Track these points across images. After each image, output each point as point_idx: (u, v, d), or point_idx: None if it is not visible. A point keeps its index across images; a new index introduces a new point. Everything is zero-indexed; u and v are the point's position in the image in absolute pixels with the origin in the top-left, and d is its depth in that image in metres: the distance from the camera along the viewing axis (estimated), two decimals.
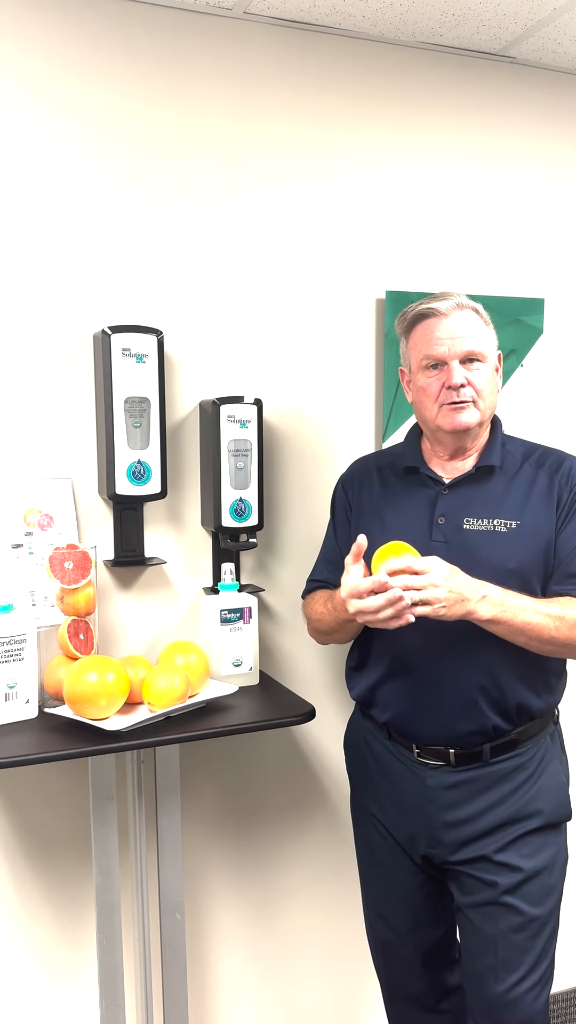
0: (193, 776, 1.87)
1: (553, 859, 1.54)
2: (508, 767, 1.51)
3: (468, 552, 1.47)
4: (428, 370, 1.51)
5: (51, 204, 1.68)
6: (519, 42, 1.92)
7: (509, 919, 1.50)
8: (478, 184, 2.02)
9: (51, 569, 1.56)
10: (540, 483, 1.52)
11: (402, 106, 1.93)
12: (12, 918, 1.76)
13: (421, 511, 1.54)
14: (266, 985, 2.01)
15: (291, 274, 1.88)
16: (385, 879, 1.65)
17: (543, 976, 1.53)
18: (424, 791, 1.54)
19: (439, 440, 1.56)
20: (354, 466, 1.72)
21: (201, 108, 1.77)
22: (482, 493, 1.53)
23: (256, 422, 1.77)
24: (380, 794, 1.62)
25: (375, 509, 1.59)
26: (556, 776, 1.56)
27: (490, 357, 1.52)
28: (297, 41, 1.83)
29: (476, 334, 1.49)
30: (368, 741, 1.65)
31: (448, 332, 1.48)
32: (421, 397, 1.53)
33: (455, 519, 1.51)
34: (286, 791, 1.98)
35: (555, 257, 2.12)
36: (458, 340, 1.48)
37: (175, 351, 1.79)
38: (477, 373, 1.49)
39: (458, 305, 1.50)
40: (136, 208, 1.74)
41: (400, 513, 1.55)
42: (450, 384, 1.48)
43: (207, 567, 1.85)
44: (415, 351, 1.53)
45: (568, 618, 1.42)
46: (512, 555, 1.47)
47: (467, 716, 1.49)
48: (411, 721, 1.55)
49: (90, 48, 1.68)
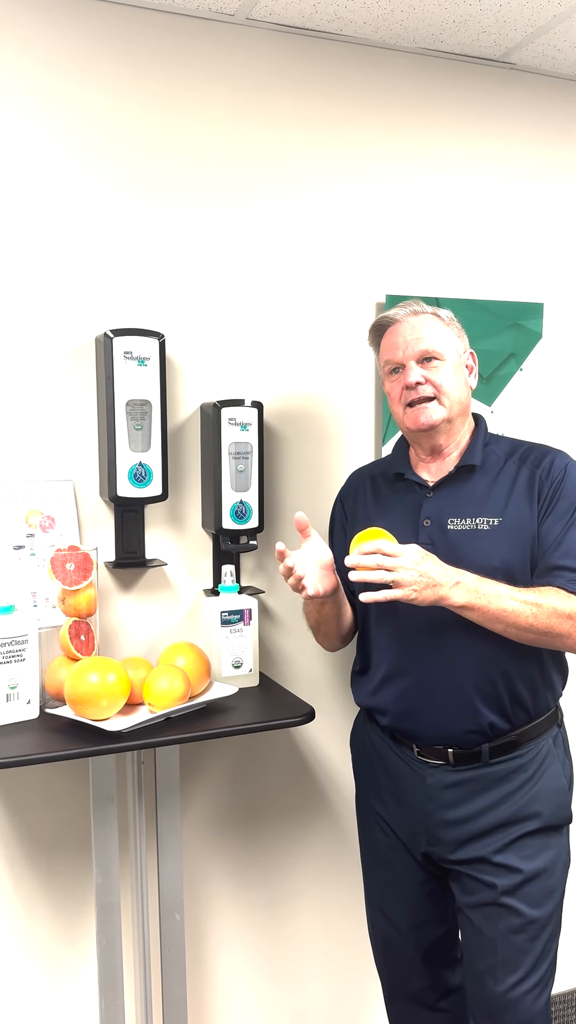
0: (193, 777, 1.88)
1: (553, 861, 1.54)
2: (507, 768, 1.52)
3: (453, 552, 1.48)
4: (391, 375, 1.57)
5: (53, 208, 1.69)
6: (519, 48, 1.93)
7: (509, 920, 1.50)
8: (478, 189, 2.03)
9: (52, 570, 1.57)
10: (522, 479, 1.53)
11: (403, 112, 1.94)
12: (12, 917, 1.77)
13: (408, 515, 1.56)
14: (266, 986, 2.01)
15: (292, 278, 1.89)
16: (387, 876, 1.66)
17: (543, 977, 1.53)
18: (424, 789, 1.55)
19: (416, 441, 1.59)
20: (351, 479, 1.75)
21: (203, 113, 1.78)
22: (464, 493, 1.54)
23: (257, 425, 1.78)
24: (383, 791, 1.63)
25: (368, 517, 1.62)
26: (556, 779, 1.56)
27: (449, 355, 1.54)
28: (299, 47, 1.84)
29: (432, 335, 1.53)
30: (372, 740, 1.66)
31: (403, 336, 1.54)
32: (390, 402, 1.59)
33: (439, 520, 1.53)
34: (286, 792, 1.98)
35: (554, 262, 2.13)
36: (412, 342, 1.53)
37: (177, 354, 1.80)
38: (435, 371, 1.52)
39: (413, 311, 1.56)
40: (138, 212, 1.75)
41: (389, 519, 1.57)
42: (406, 384, 1.52)
43: (207, 569, 1.86)
44: (380, 360, 1.60)
45: (545, 605, 1.41)
46: (495, 553, 1.48)
47: (464, 715, 1.50)
48: (410, 721, 1.56)
49: (92, 53, 1.69)
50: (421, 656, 1.51)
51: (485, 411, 2.05)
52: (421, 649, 1.51)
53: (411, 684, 1.54)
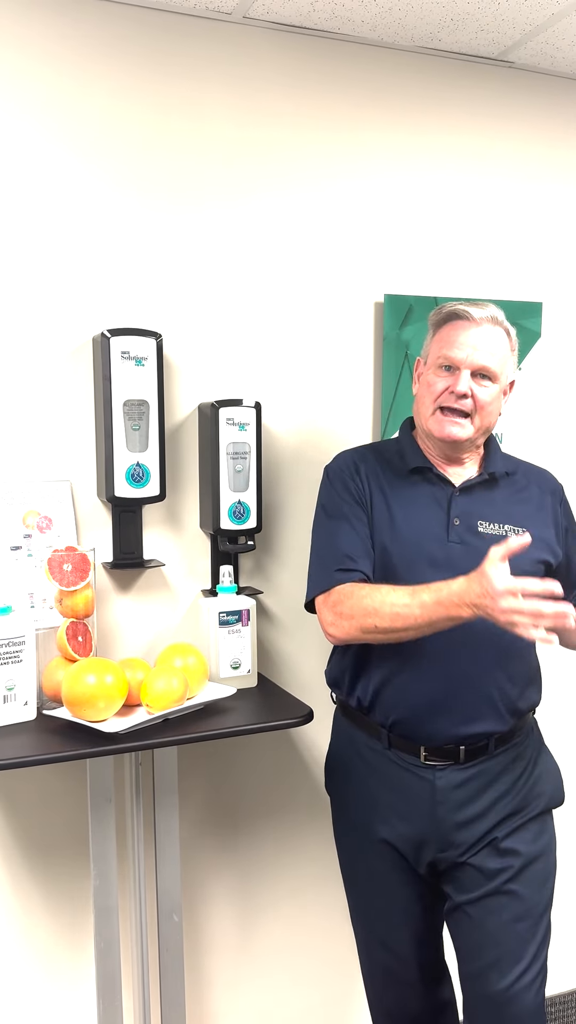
0: (191, 778, 1.88)
1: (549, 844, 1.57)
2: (508, 758, 1.54)
3: (485, 555, 1.46)
4: (440, 369, 1.52)
5: (51, 207, 1.69)
6: (517, 47, 1.93)
7: (512, 908, 1.51)
8: (477, 188, 2.03)
9: (50, 571, 1.56)
10: (534, 495, 1.59)
11: (401, 110, 1.94)
12: (10, 920, 1.76)
13: (435, 511, 1.54)
14: (263, 988, 2.01)
15: (290, 277, 1.88)
16: (388, 905, 1.61)
17: (542, 968, 1.54)
18: (434, 793, 1.52)
19: (429, 442, 1.58)
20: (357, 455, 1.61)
21: (200, 112, 1.78)
22: (491, 499, 1.56)
23: (255, 425, 1.77)
24: (384, 808, 1.56)
25: (385, 505, 1.55)
26: (550, 760, 1.63)
27: (502, 379, 1.53)
28: (296, 45, 1.84)
29: (497, 353, 1.50)
30: (363, 756, 1.59)
31: (472, 340, 1.49)
32: (424, 392, 1.55)
33: (469, 521, 1.53)
34: (284, 793, 1.98)
35: (553, 261, 2.13)
36: (478, 351, 1.49)
37: (174, 354, 1.79)
38: (484, 389, 1.50)
39: (492, 319, 1.51)
40: (135, 212, 1.74)
41: (413, 512, 1.54)
42: (454, 389, 1.49)
43: (205, 569, 1.85)
44: (436, 347, 1.54)
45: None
46: (525, 561, 1.46)
47: (484, 713, 1.51)
48: (423, 720, 1.51)
49: (90, 52, 1.68)
50: (444, 654, 1.48)
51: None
52: (444, 647, 1.46)
53: (431, 681, 1.50)
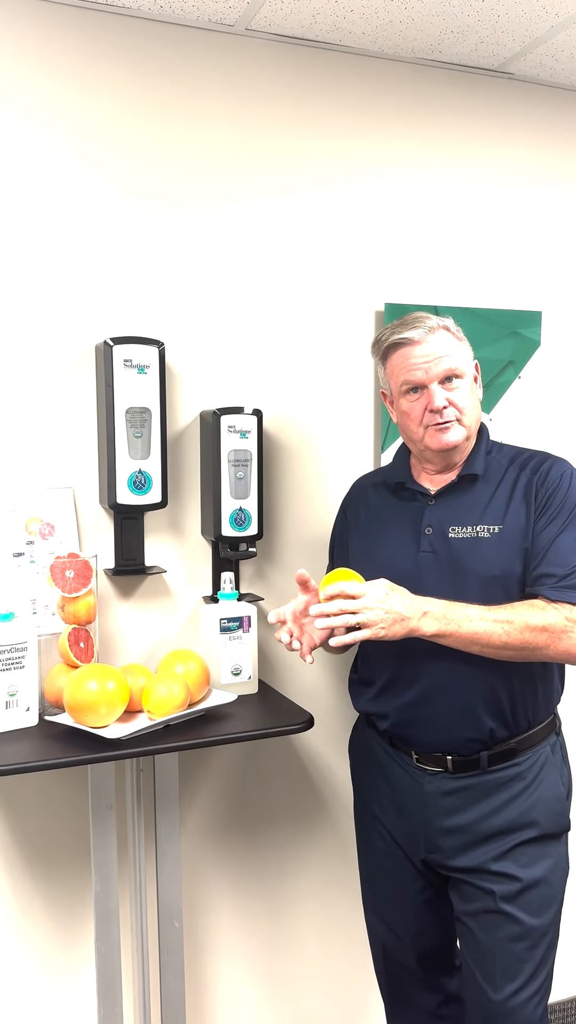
0: (192, 784, 1.88)
1: (551, 870, 1.53)
2: (505, 776, 1.52)
3: (454, 560, 1.49)
4: (409, 394, 1.53)
5: (53, 216, 1.70)
6: (517, 58, 1.94)
7: (508, 928, 1.50)
8: (477, 198, 2.04)
9: (52, 578, 1.57)
10: (520, 485, 1.53)
11: (402, 121, 1.95)
12: (11, 925, 1.76)
13: (409, 524, 1.56)
14: (264, 993, 2.01)
15: (291, 286, 1.89)
16: (386, 883, 1.66)
17: (541, 986, 1.53)
18: (423, 796, 1.55)
19: (427, 459, 1.58)
20: (353, 487, 1.75)
21: (202, 121, 1.79)
22: (466, 501, 1.54)
23: (256, 432, 1.78)
24: (382, 797, 1.63)
25: (368, 525, 1.62)
26: (554, 787, 1.55)
27: (467, 371, 1.53)
28: (298, 57, 1.85)
29: (451, 353, 1.51)
30: (372, 747, 1.66)
31: (423, 356, 1.50)
32: (405, 420, 1.55)
33: (441, 528, 1.53)
34: (285, 800, 1.98)
35: (553, 270, 2.14)
36: (433, 362, 1.49)
37: (176, 362, 1.81)
38: (457, 391, 1.51)
39: (429, 329, 1.51)
40: (138, 220, 1.76)
41: (390, 527, 1.57)
42: (432, 408, 1.50)
43: (207, 576, 1.86)
44: (394, 378, 1.55)
45: (517, 621, 1.41)
46: (496, 560, 1.47)
47: (465, 722, 1.50)
48: (410, 728, 1.56)
49: (95, 63, 1.70)
50: (425, 663, 1.51)
51: (484, 418, 2.05)
52: (425, 656, 1.50)
53: (414, 691, 1.54)
